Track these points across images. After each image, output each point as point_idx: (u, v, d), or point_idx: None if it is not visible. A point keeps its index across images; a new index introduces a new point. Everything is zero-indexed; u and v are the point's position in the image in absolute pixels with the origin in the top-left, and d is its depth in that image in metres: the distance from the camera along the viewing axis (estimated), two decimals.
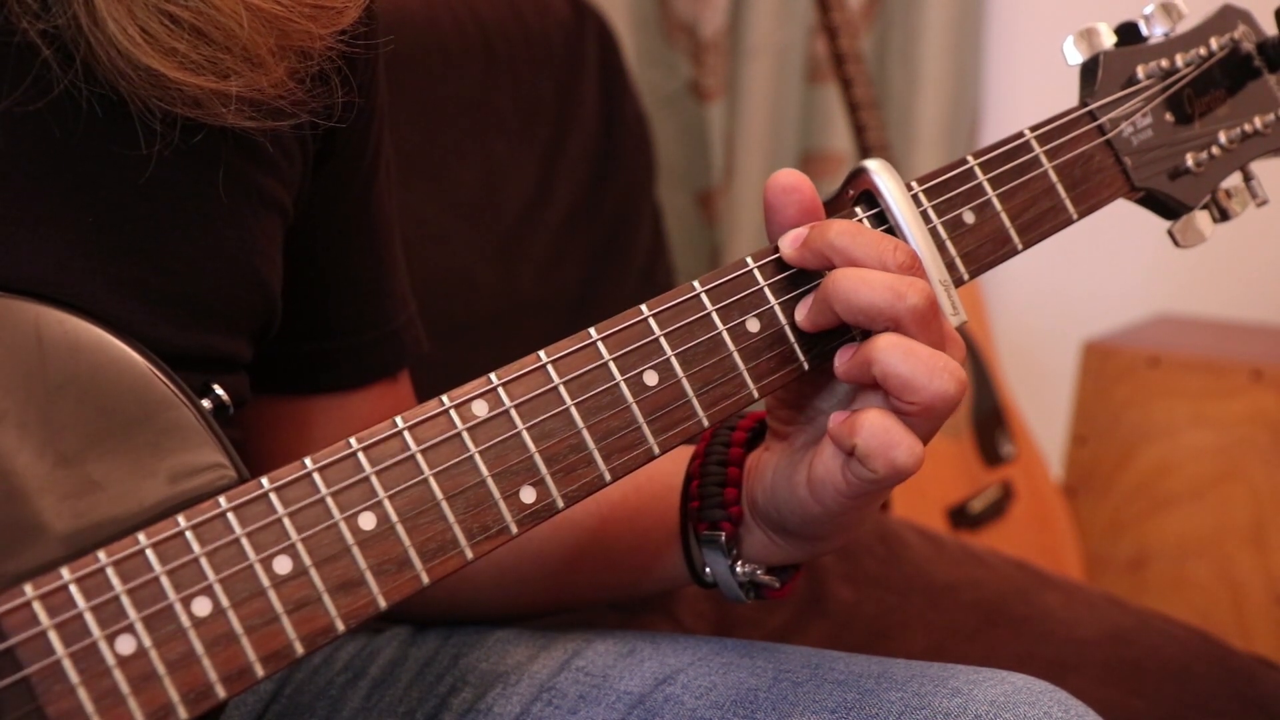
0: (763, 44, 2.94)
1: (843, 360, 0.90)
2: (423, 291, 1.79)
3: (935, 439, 0.92)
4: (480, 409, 0.83)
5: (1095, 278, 2.91)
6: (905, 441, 0.87)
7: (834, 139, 2.98)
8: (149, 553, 0.75)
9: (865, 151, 2.45)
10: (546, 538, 1.08)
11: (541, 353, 0.85)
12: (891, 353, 0.87)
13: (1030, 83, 2.99)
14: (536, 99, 2.01)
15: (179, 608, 0.75)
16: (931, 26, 2.94)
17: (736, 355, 0.89)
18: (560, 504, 0.84)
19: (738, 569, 1.00)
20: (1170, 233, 1.07)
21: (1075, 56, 1.05)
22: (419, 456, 0.81)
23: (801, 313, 0.90)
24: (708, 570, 1.02)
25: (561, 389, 0.85)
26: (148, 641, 0.74)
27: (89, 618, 0.74)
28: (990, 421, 2.47)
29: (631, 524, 1.06)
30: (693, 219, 3.04)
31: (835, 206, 0.95)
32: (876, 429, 0.87)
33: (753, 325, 0.90)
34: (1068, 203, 1.00)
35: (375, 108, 1.06)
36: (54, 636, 0.73)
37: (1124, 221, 1.37)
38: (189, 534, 0.76)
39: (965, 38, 2.96)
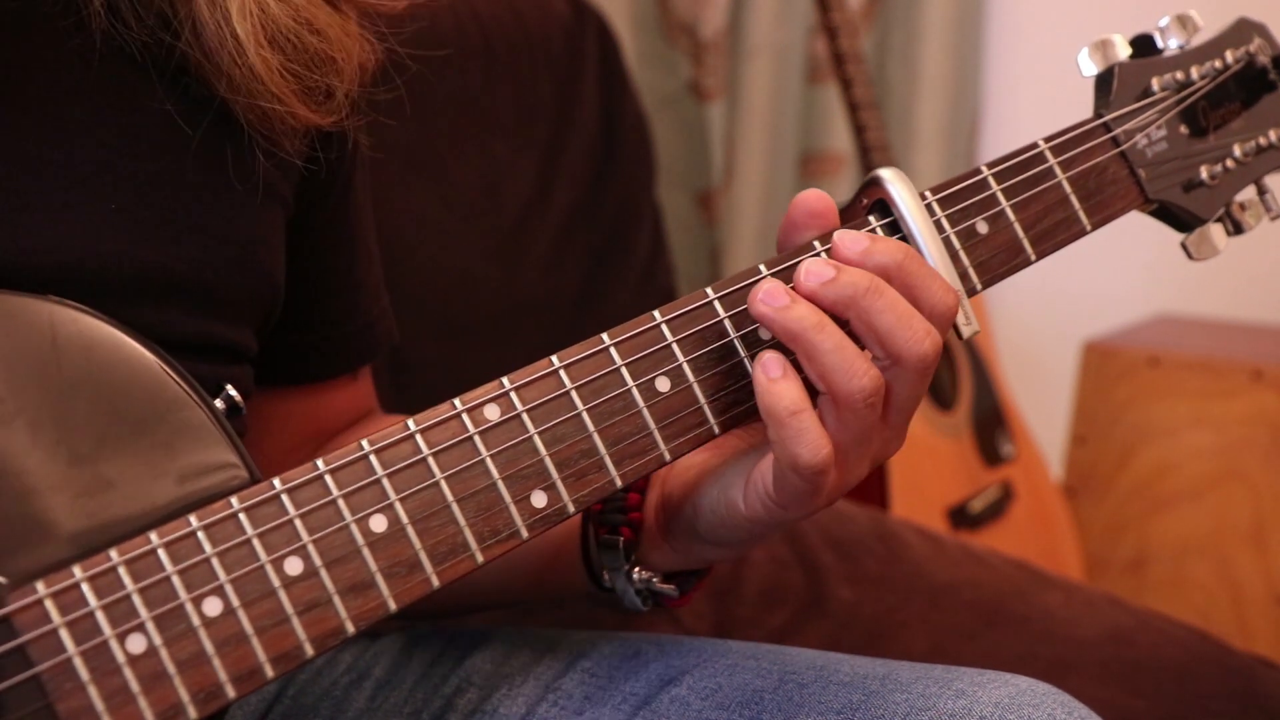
0: (763, 44, 2.94)
1: (770, 305, 0.86)
2: (423, 291, 1.79)
3: (935, 439, 0.91)
4: (492, 413, 0.83)
5: (1095, 278, 2.91)
6: (811, 440, 0.85)
7: (834, 139, 2.98)
8: (161, 552, 0.76)
9: (865, 151, 2.45)
10: None
11: (554, 357, 0.85)
12: (822, 338, 0.85)
13: (1030, 83, 3.00)
14: (536, 99, 2.01)
15: (190, 607, 0.75)
16: (931, 26, 2.94)
17: (748, 362, 0.89)
18: (571, 508, 0.84)
19: (635, 575, 0.99)
20: (1184, 245, 1.07)
21: (1090, 68, 1.04)
22: (430, 460, 0.81)
23: (809, 281, 0.87)
24: (606, 576, 1.01)
25: (573, 394, 0.85)
26: (158, 640, 0.75)
27: (100, 616, 0.74)
28: (990, 421, 2.48)
29: None
30: (693, 219, 3.04)
31: (849, 215, 0.94)
32: (788, 422, 0.85)
33: (765, 332, 0.90)
34: (1081, 214, 1.00)
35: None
36: (65, 634, 0.73)
37: (1125, 222, 1.37)
38: (201, 534, 0.76)
39: (965, 38, 2.96)
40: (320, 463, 0.79)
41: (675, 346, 0.88)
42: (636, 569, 0.99)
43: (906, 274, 0.88)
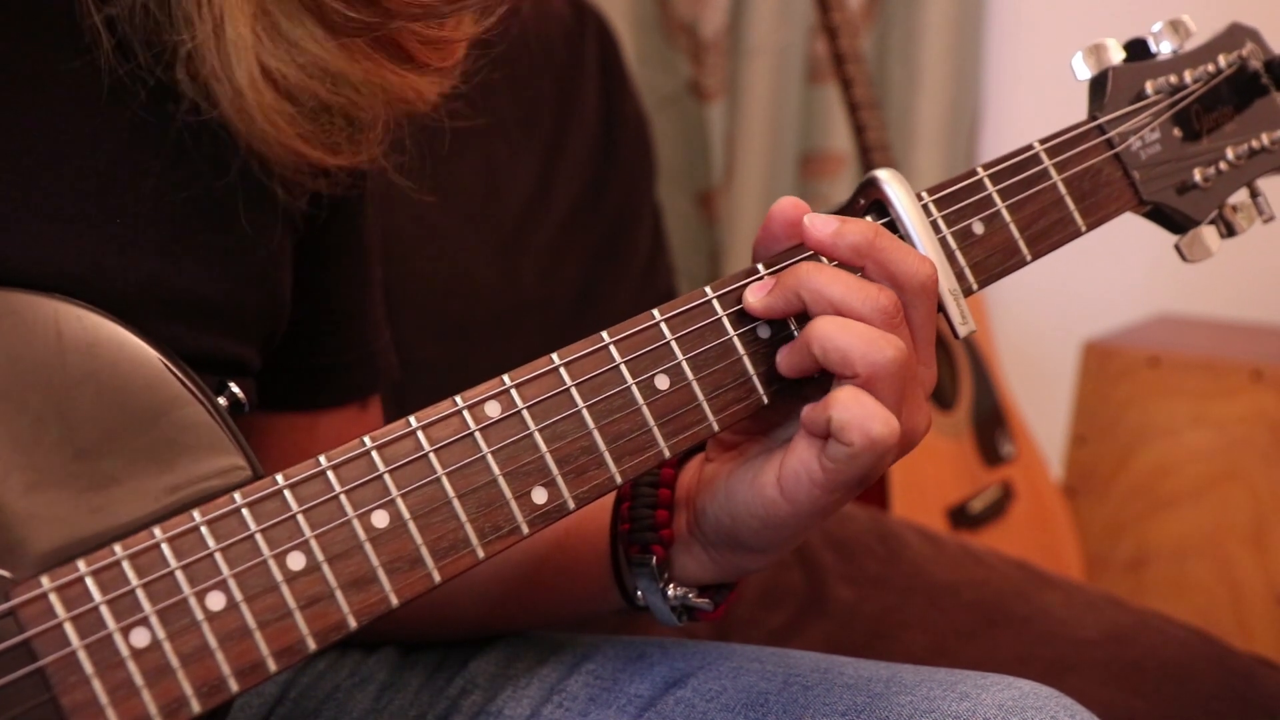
0: (763, 44, 2.94)
1: (783, 354, 0.90)
2: (423, 291, 1.79)
3: (935, 439, 0.91)
4: (493, 410, 0.84)
5: (1095, 278, 2.91)
6: (879, 413, 0.86)
7: (834, 139, 2.99)
8: (164, 547, 0.76)
9: (865, 151, 2.45)
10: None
11: (554, 355, 0.86)
12: (828, 326, 0.87)
13: (1030, 83, 3.00)
14: (536, 99, 2.01)
15: (193, 602, 0.76)
16: (931, 26, 2.94)
17: (747, 360, 0.90)
18: (571, 505, 0.85)
19: (669, 592, 0.98)
20: (1177, 247, 1.08)
21: (1084, 72, 1.05)
22: (432, 456, 0.82)
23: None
24: (639, 594, 1.00)
25: (574, 391, 0.85)
26: (162, 635, 0.75)
27: (104, 610, 0.74)
28: (990, 421, 2.48)
29: (560, 546, 1.05)
30: (693, 219, 3.04)
31: (847, 215, 0.95)
32: (849, 401, 0.86)
33: (763, 331, 0.91)
34: (1076, 215, 1.00)
35: None
36: (70, 628, 0.74)
37: (1124, 222, 1.37)
38: (204, 529, 0.77)
39: (965, 38, 2.97)
40: (323, 459, 0.80)
41: (674, 344, 0.88)
42: (671, 585, 0.98)
43: (878, 250, 0.90)
